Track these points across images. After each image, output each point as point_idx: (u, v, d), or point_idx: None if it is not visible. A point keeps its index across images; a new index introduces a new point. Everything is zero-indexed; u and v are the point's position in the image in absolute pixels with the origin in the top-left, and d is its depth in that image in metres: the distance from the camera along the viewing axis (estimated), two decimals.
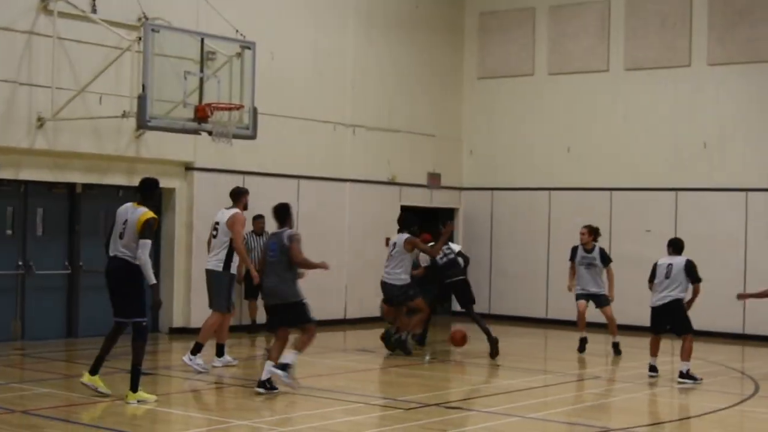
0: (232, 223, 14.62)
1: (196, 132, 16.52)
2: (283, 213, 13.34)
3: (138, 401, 11.81)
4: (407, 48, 23.07)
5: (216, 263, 14.71)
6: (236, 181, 19.10)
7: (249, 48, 16.90)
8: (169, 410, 11.81)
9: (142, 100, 15.49)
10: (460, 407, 12.20)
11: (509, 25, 23.94)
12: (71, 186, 17.67)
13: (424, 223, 19.81)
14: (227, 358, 15.06)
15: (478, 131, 24.36)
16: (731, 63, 21.21)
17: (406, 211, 14.18)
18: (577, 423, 11.43)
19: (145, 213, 11.97)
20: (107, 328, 17.37)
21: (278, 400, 12.58)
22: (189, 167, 18.72)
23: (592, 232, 18.12)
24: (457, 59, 24.46)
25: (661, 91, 21.96)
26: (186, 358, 14.52)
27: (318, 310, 18.53)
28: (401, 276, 16.92)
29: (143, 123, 15.69)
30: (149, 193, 12.46)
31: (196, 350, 14.47)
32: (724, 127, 21.23)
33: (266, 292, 13.21)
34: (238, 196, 15.12)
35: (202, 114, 15.99)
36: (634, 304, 21.71)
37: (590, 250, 18.01)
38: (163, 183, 18.29)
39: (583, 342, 18.07)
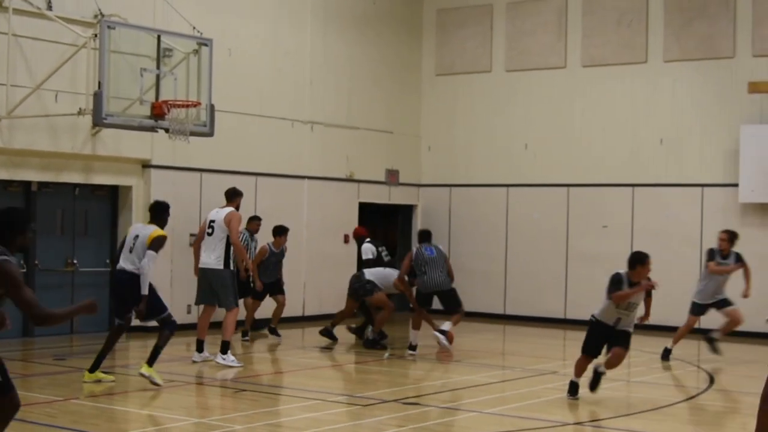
0: (229, 219, 14.94)
1: (152, 129, 16.47)
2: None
3: (149, 374, 12.74)
4: (365, 45, 23.08)
5: (216, 261, 14.98)
6: (193, 178, 19.09)
7: (206, 45, 16.87)
8: (126, 409, 11.78)
9: (98, 97, 15.43)
10: (418, 403, 12.23)
11: (467, 22, 23.99)
12: (27, 184, 17.51)
13: (384, 220, 19.97)
14: (206, 354, 15.14)
15: (436, 128, 24.41)
16: (687, 59, 21.37)
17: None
18: (535, 418, 11.49)
19: (156, 230, 13.08)
20: (63, 327, 17.46)
21: (237, 398, 12.57)
22: (146, 165, 18.63)
23: (732, 239, 16.89)
24: (415, 56, 24.50)
25: (617, 88, 22.10)
26: (219, 359, 14.78)
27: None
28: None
29: (99, 120, 15.63)
30: (159, 214, 13.40)
31: (225, 349, 14.79)
32: (681, 123, 21.39)
33: (432, 284, 16.74)
34: (233, 196, 15.52)
35: (158, 111, 15.97)
36: (590, 299, 21.88)
37: (726, 256, 16.87)
38: (120, 181, 18.31)
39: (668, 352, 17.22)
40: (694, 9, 21.29)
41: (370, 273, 17.64)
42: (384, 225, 24.58)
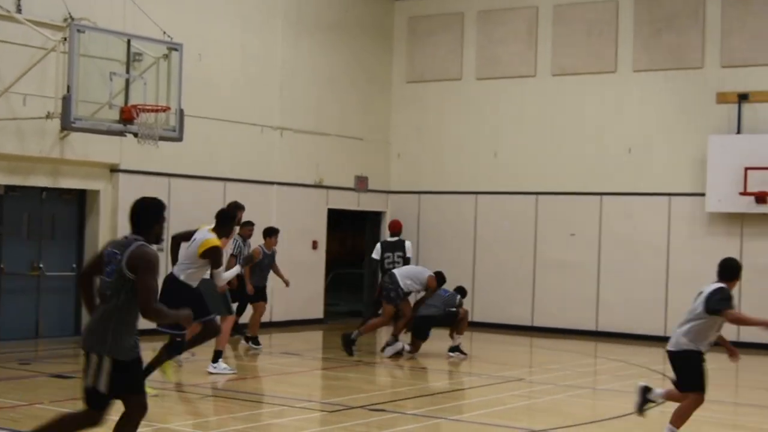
0: None
1: (121, 134, 16.42)
2: None
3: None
4: (336, 51, 23.08)
5: None
6: (162, 183, 19.01)
7: (176, 49, 16.83)
8: None
9: (67, 101, 15.36)
10: (384, 409, 12.22)
11: (438, 30, 24.04)
12: None
13: (352, 227, 19.94)
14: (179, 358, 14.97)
15: (406, 135, 24.42)
16: (656, 69, 21.48)
17: None
18: (500, 425, 11.51)
19: (209, 239, 12.92)
20: (29, 331, 17.37)
21: (203, 403, 12.54)
22: (114, 169, 18.54)
23: None
24: (386, 63, 24.52)
25: (587, 97, 22.18)
26: (210, 368, 14.64)
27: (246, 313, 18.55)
28: None
29: (68, 124, 15.56)
30: (220, 222, 13.44)
31: (217, 358, 14.64)
32: (649, 133, 21.49)
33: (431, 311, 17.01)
34: (234, 210, 15.37)
35: (127, 116, 15.92)
36: (557, 307, 22.02)
37: None
38: (88, 185, 18.22)
39: None
40: (663, 20, 21.41)
41: (403, 275, 17.42)
42: (352, 231, 24.58)
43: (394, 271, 17.50)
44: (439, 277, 17.65)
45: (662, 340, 20.67)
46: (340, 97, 23.19)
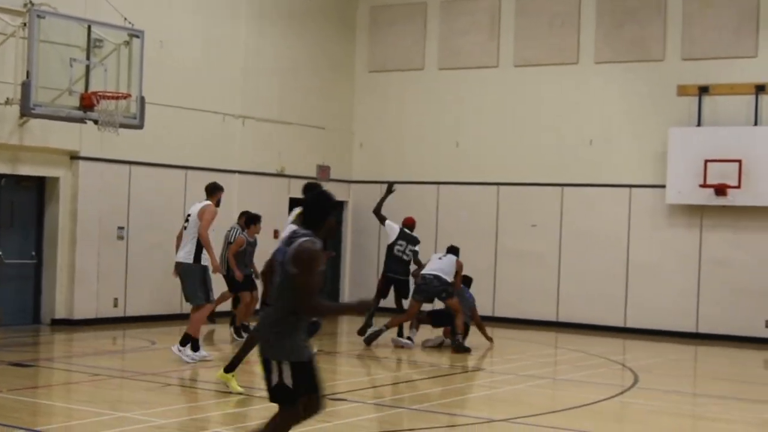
0: (202, 212, 14.54)
1: (81, 120, 16.32)
2: None
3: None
4: (299, 40, 23.00)
5: (185, 255, 14.57)
6: (122, 171, 18.90)
7: (137, 36, 16.75)
8: (50, 402, 11.64)
9: (26, 87, 15.26)
10: (345, 399, 12.22)
11: (400, 19, 24.01)
12: None
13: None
14: (203, 352, 14.76)
15: (369, 124, 24.39)
16: (618, 61, 21.56)
17: None
18: (461, 414, 11.54)
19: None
20: None
21: (162, 393, 12.48)
22: (74, 156, 18.40)
23: None
24: (349, 52, 24.47)
25: (549, 88, 22.23)
26: (174, 348, 14.50)
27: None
28: None
29: (27, 110, 15.47)
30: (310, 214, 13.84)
31: (185, 342, 14.49)
32: (610, 125, 21.58)
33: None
34: (213, 191, 15.14)
35: (88, 102, 15.85)
36: (517, 298, 22.09)
37: None
38: (48, 172, 18.09)
39: None
40: (625, 12, 21.49)
41: (443, 271, 17.48)
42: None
43: (437, 273, 17.40)
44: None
45: (622, 330, 20.86)
46: (302, 86, 23.12)
